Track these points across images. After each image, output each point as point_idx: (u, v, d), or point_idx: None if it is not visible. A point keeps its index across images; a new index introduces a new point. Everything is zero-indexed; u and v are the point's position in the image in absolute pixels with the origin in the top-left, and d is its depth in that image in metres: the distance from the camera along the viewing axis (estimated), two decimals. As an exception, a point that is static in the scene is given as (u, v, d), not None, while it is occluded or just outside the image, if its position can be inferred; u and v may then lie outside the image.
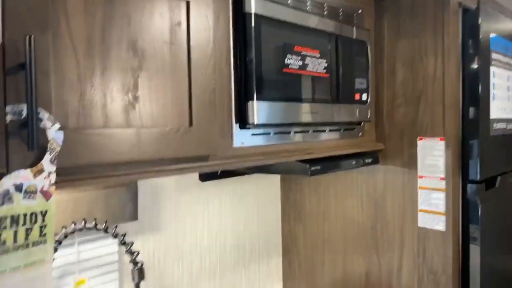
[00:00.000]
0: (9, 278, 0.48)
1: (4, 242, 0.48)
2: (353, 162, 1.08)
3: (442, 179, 1.08)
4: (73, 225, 0.82)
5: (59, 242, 0.83)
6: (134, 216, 1.03)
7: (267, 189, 1.46)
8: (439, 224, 1.08)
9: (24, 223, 0.50)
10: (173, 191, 1.17)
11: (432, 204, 1.10)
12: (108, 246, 1.00)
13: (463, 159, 1.11)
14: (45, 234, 0.52)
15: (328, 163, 1.00)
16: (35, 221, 0.51)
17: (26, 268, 0.49)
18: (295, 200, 1.45)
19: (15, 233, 0.49)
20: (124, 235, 0.82)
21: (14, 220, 0.49)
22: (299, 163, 0.97)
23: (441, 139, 1.08)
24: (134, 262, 0.80)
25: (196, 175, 1.23)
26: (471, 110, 1.12)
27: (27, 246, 0.50)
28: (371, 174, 1.23)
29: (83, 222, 0.82)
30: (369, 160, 1.13)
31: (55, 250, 0.83)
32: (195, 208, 1.23)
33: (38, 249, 0.51)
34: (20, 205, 0.50)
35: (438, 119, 1.09)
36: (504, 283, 1.33)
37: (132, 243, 0.83)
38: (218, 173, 1.28)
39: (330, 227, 1.36)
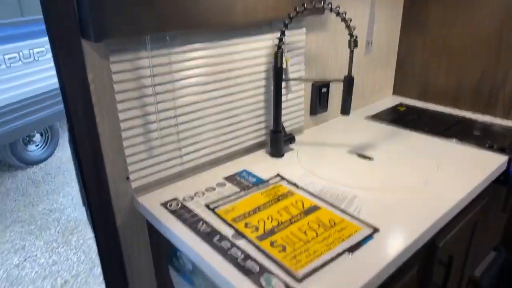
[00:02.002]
0: None
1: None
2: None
3: None
4: (301, 6, 1.06)
5: (290, 19, 1.08)
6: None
7: (392, 7, 1.64)
8: None
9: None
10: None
11: None
12: (301, 35, 1.27)
13: None
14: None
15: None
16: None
17: None
18: (418, 17, 1.64)
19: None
20: (345, 12, 1.05)
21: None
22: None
23: None
24: (351, 35, 1.04)
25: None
26: None
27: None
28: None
29: (307, 4, 1.05)
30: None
31: (286, 26, 1.10)
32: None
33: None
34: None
35: None
36: None
37: (351, 20, 1.05)
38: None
39: (452, 37, 1.58)
